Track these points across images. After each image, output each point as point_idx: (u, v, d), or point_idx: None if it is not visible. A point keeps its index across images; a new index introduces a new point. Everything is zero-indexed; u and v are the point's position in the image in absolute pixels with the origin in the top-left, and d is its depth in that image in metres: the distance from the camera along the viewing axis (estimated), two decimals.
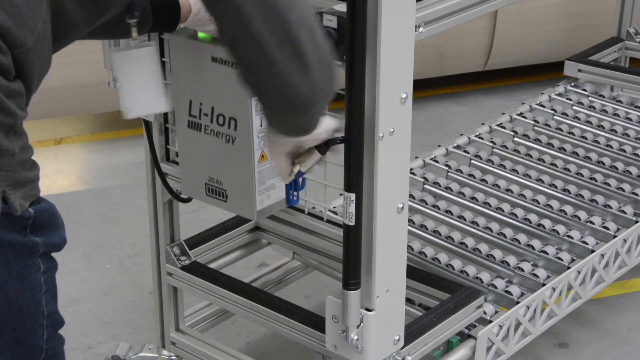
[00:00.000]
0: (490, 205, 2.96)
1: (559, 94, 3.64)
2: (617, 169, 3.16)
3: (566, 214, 2.92)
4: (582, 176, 3.11)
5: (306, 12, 1.61)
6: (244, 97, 2.03)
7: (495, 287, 2.61)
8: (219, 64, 2.05)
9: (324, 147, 1.94)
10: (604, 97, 3.62)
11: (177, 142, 2.24)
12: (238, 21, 1.58)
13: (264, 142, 2.09)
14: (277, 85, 1.65)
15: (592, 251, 2.75)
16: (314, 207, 2.33)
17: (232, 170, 2.14)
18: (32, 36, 1.51)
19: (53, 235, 1.61)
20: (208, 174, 2.18)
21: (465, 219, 2.90)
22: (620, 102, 3.58)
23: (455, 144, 3.30)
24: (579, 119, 3.48)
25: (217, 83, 2.08)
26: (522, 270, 2.67)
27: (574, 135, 3.37)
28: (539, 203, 2.97)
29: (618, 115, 3.49)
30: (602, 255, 2.76)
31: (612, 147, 3.28)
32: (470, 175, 3.13)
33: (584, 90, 3.67)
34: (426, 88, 4.64)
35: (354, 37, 1.79)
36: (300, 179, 2.19)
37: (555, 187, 3.05)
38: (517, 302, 2.55)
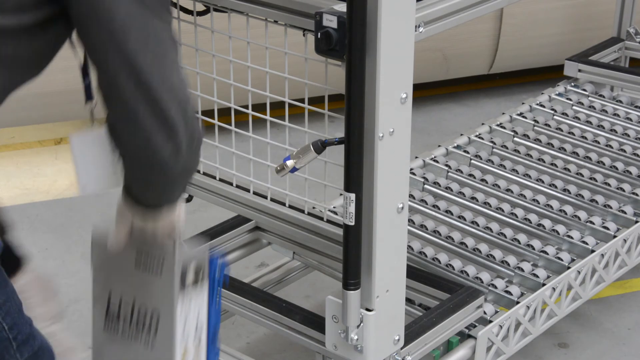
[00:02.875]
0: (490, 205, 2.96)
1: (559, 94, 3.64)
2: (617, 169, 3.16)
3: (566, 214, 2.92)
4: (582, 176, 3.11)
5: (181, 90, 1.61)
6: (168, 307, 1.89)
7: (495, 287, 2.61)
8: (142, 271, 1.92)
9: (320, 146, 1.94)
10: (604, 97, 3.62)
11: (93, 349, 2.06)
12: (111, 81, 1.59)
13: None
14: (140, 144, 1.63)
15: (592, 251, 2.75)
16: (314, 207, 2.33)
17: None
18: None
19: None
20: None
21: (465, 219, 2.90)
22: (620, 102, 3.58)
23: (455, 144, 3.30)
24: (579, 119, 3.48)
25: (140, 290, 1.94)
26: (522, 270, 2.67)
27: (574, 135, 3.37)
28: (539, 203, 2.97)
29: (618, 115, 3.49)
30: (602, 255, 2.76)
31: (612, 147, 3.28)
32: (470, 175, 3.13)
33: (584, 90, 3.67)
34: (426, 88, 4.64)
35: (354, 37, 1.79)
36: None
37: (555, 187, 3.06)
38: (517, 302, 2.55)
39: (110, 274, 1.96)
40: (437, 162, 3.19)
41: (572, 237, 2.80)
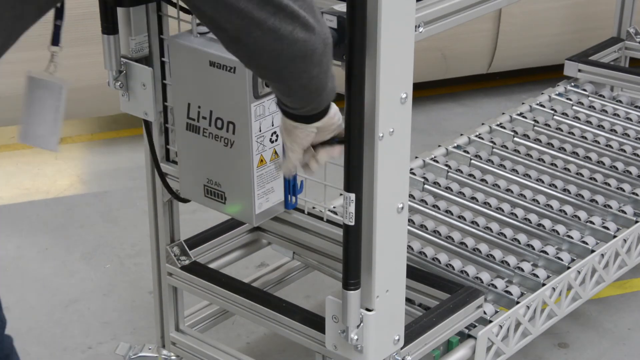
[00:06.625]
0: (490, 205, 2.96)
1: (559, 94, 3.64)
2: (617, 169, 3.16)
3: (566, 214, 2.92)
4: (582, 176, 3.12)
5: None
6: (243, 102, 2.04)
7: (495, 287, 2.61)
8: (217, 69, 2.05)
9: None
10: (604, 97, 3.62)
11: (177, 143, 2.25)
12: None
13: (262, 147, 2.09)
14: (272, 41, 1.63)
15: (592, 251, 2.75)
16: (314, 207, 2.33)
17: (231, 173, 2.14)
18: None
19: None
20: (207, 175, 2.18)
21: (465, 219, 2.90)
22: (620, 102, 3.58)
23: (455, 144, 3.30)
24: (579, 119, 3.48)
25: (215, 87, 2.08)
26: (522, 270, 2.67)
27: (574, 135, 3.38)
28: (539, 203, 2.97)
29: (618, 115, 3.49)
30: (602, 255, 2.76)
31: (612, 147, 3.28)
32: (470, 175, 3.13)
33: (584, 90, 3.67)
34: (426, 88, 4.64)
35: (354, 37, 1.79)
36: (299, 182, 2.19)
37: (555, 187, 3.06)
38: (517, 302, 2.55)
39: (188, 86, 2.13)
40: (437, 162, 3.19)
41: (572, 237, 2.80)
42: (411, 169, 3.09)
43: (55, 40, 1.99)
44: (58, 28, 1.99)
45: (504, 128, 3.41)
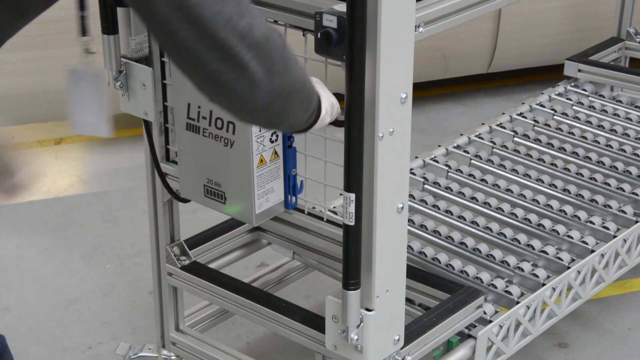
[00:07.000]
0: (490, 205, 2.96)
1: (559, 94, 3.64)
2: (617, 169, 3.16)
3: (566, 214, 2.92)
4: (582, 176, 3.11)
5: (234, 18, 1.55)
6: None
7: (495, 287, 2.61)
8: None
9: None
10: (604, 97, 3.62)
11: (177, 143, 2.25)
12: (163, 29, 1.55)
13: (262, 147, 2.09)
14: (211, 83, 1.60)
15: (592, 251, 2.75)
16: (314, 207, 2.33)
17: (231, 173, 2.14)
18: None
19: None
20: (207, 175, 2.18)
21: (465, 219, 2.90)
22: (620, 102, 3.58)
23: (455, 144, 3.30)
24: (579, 119, 3.48)
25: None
26: (522, 270, 2.67)
27: (574, 135, 3.37)
28: (539, 203, 2.97)
29: (618, 115, 3.49)
30: (602, 255, 2.76)
31: (612, 147, 3.28)
32: (470, 175, 3.13)
33: (584, 90, 3.67)
34: (426, 88, 4.64)
35: (354, 37, 1.79)
36: (299, 182, 2.19)
37: (555, 187, 3.06)
38: (517, 302, 2.55)
39: (188, 86, 2.06)
40: (437, 162, 3.19)
41: (572, 237, 2.80)
42: (411, 169, 3.09)
43: (84, 31, 2.01)
44: (83, 19, 2.02)
45: (504, 128, 3.41)
